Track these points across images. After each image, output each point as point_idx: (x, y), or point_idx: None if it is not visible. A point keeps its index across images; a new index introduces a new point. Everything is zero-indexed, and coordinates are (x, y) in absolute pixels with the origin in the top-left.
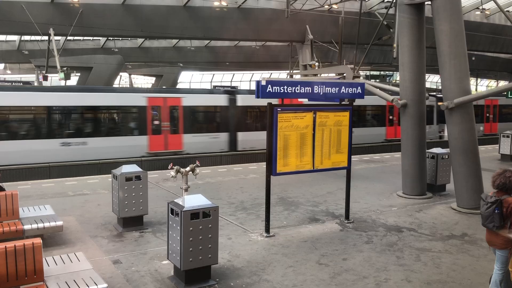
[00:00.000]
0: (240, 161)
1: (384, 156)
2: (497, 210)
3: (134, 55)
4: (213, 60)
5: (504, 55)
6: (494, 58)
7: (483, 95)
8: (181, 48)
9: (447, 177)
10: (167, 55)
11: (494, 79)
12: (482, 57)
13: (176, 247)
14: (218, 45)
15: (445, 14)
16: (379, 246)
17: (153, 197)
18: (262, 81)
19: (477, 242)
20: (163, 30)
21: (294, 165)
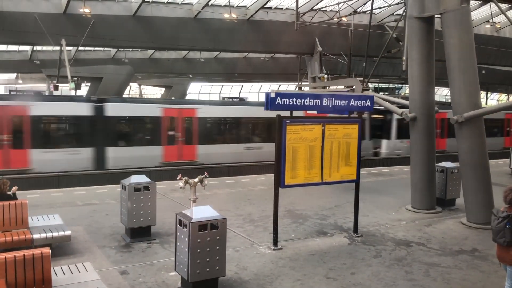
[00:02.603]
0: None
1: (392, 169)
2: (509, 225)
3: (144, 66)
4: (222, 71)
5: None
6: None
7: (493, 109)
8: (190, 60)
9: (457, 192)
10: (176, 66)
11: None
12: (492, 71)
13: (184, 258)
14: (227, 56)
15: (454, 27)
16: (387, 260)
17: (161, 208)
18: (271, 93)
19: (488, 257)
20: (174, 41)
21: (302, 177)
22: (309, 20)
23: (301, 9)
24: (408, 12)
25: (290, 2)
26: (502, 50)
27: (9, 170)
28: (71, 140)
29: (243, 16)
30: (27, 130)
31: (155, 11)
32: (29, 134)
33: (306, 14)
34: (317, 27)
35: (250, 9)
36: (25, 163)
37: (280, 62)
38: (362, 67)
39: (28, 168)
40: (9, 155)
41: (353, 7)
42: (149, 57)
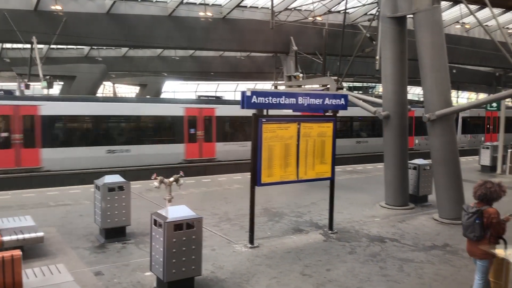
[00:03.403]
0: None
1: (366, 167)
2: (478, 220)
3: (118, 64)
4: (198, 70)
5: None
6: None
7: (464, 107)
8: (165, 58)
9: (429, 188)
10: (151, 65)
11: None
12: (463, 70)
13: (159, 258)
14: (203, 55)
15: (426, 27)
16: (362, 256)
17: (137, 207)
18: (247, 92)
19: (459, 252)
20: (148, 39)
21: (278, 175)
22: (284, 19)
23: (276, 8)
24: (381, 12)
25: (265, 1)
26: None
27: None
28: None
29: (219, 14)
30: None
31: (129, 9)
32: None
33: (281, 13)
34: (292, 26)
35: (225, 8)
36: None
37: (256, 60)
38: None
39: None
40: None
41: (327, 7)
42: (123, 55)
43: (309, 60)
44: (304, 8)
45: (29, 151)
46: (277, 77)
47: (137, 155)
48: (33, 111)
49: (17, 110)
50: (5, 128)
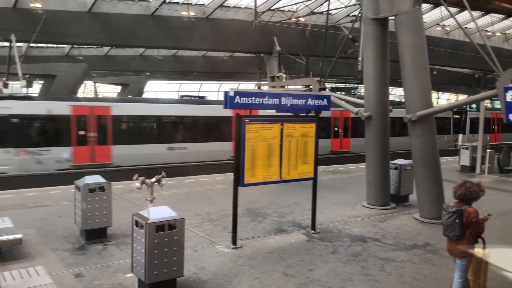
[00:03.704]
0: None
1: (349, 167)
2: (458, 220)
3: (100, 64)
4: (181, 69)
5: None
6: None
7: (444, 108)
8: (148, 57)
9: (410, 188)
10: (133, 64)
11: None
12: (443, 72)
13: (141, 259)
14: (185, 54)
15: (407, 29)
16: (344, 256)
17: (118, 208)
18: (230, 92)
19: (439, 251)
20: (130, 38)
21: (261, 176)
22: (267, 19)
23: (260, 9)
24: (363, 14)
25: (248, 1)
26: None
27: None
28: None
29: (202, 14)
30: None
31: (110, 8)
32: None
33: (265, 13)
34: (275, 27)
35: (208, 7)
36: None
37: (239, 61)
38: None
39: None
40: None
41: (310, 8)
42: (105, 54)
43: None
44: (287, 8)
45: (102, 148)
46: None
47: (193, 152)
48: (106, 111)
49: (92, 111)
50: (83, 127)
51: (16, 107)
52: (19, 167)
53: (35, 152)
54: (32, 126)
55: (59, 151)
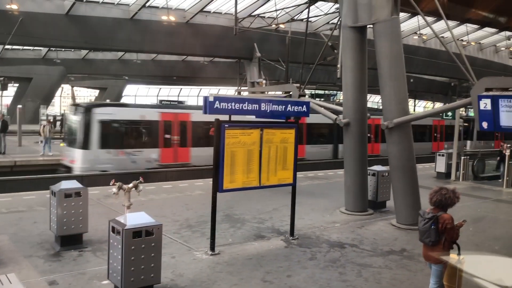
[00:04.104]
0: None
1: (328, 173)
2: (434, 226)
3: (78, 67)
4: (160, 74)
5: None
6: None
7: (420, 116)
8: (127, 61)
9: (387, 194)
10: (112, 68)
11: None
12: (420, 80)
13: (117, 266)
14: (165, 59)
15: (385, 37)
16: (322, 262)
17: (94, 214)
18: (209, 97)
19: (415, 257)
20: (109, 42)
21: (240, 181)
22: (247, 25)
23: (240, 15)
24: (342, 22)
25: (229, 7)
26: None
27: None
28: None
29: (182, 19)
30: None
31: (89, 11)
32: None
33: (245, 19)
34: (255, 33)
35: (188, 12)
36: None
37: (220, 66)
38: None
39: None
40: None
41: (290, 15)
42: (83, 57)
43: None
44: (268, 15)
45: (183, 149)
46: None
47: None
48: (186, 117)
49: (176, 117)
50: (168, 131)
51: (116, 113)
52: (117, 166)
53: (130, 153)
54: (128, 129)
55: (149, 152)
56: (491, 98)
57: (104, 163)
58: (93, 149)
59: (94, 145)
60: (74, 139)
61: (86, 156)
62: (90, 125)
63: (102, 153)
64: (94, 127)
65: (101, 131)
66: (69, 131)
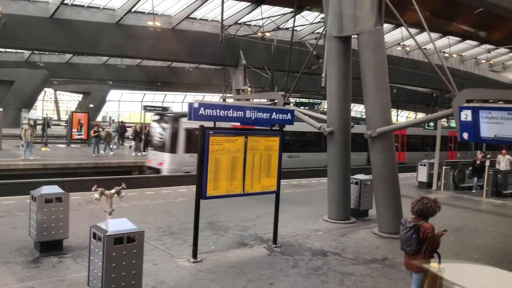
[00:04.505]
0: None
1: (311, 181)
2: (415, 234)
3: (61, 71)
4: (145, 79)
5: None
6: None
7: (403, 126)
8: (111, 66)
9: (369, 203)
10: (96, 72)
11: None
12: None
13: (98, 273)
14: (150, 64)
15: (369, 48)
16: (305, 270)
17: (75, 220)
18: (194, 104)
19: (397, 265)
20: (93, 46)
21: (224, 188)
22: (233, 33)
23: (226, 22)
24: (327, 31)
25: (215, 14)
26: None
27: None
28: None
29: (168, 24)
30: None
31: (74, 14)
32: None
33: (231, 27)
34: (241, 41)
35: (174, 18)
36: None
37: (205, 72)
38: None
39: None
40: None
41: (276, 23)
42: (67, 61)
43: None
44: (254, 23)
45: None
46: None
47: (304, 160)
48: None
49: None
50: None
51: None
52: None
53: None
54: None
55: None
56: (472, 109)
57: (187, 165)
58: (179, 153)
59: (180, 150)
60: (162, 144)
61: (173, 159)
62: (177, 133)
63: (186, 156)
64: (180, 134)
65: (186, 138)
66: (157, 137)
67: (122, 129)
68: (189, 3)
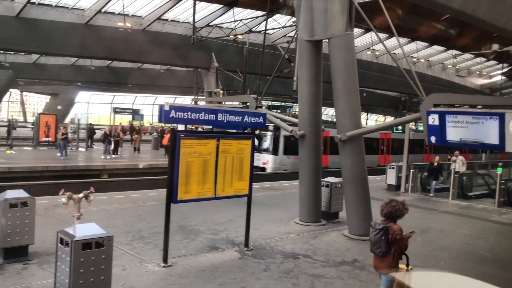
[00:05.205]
0: None
1: (283, 184)
2: (384, 236)
3: (28, 71)
4: (115, 81)
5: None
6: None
7: (372, 129)
8: (80, 67)
9: (340, 205)
10: (64, 73)
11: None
12: (372, 94)
13: (65, 279)
14: (120, 66)
15: (340, 52)
16: (276, 273)
17: (42, 225)
18: (165, 106)
19: (366, 267)
20: (61, 47)
21: (195, 192)
22: (205, 35)
23: (198, 24)
24: (299, 35)
25: (187, 16)
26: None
27: None
28: None
29: (138, 26)
30: None
31: (41, 14)
32: None
33: (203, 29)
34: (213, 43)
35: (145, 19)
36: None
37: (177, 75)
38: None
39: None
40: None
41: (248, 26)
42: (34, 62)
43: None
44: (226, 26)
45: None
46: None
47: None
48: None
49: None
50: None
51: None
52: (292, 168)
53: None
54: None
55: None
56: (438, 113)
57: (285, 165)
58: (279, 155)
59: (280, 152)
60: (266, 148)
61: (275, 160)
62: (278, 139)
63: (284, 158)
64: (280, 140)
65: (284, 143)
66: (261, 142)
67: (90, 132)
68: (161, 4)
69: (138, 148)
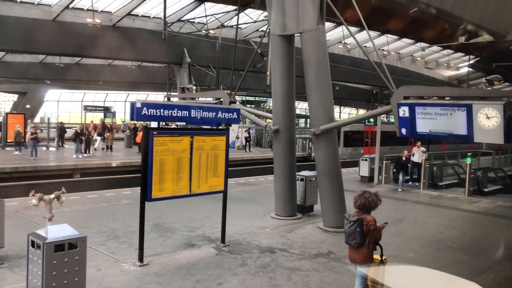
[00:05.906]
0: None
1: (258, 179)
2: (358, 228)
3: None
4: (85, 78)
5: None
6: (355, 88)
7: (345, 123)
8: (48, 64)
9: (315, 198)
10: (32, 71)
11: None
12: (344, 87)
13: (37, 283)
14: (90, 63)
15: (311, 46)
16: (253, 268)
17: (12, 228)
18: (137, 103)
19: (342, 259)
20: (28, 44)
21: (170, 190)
22: (177, 30)
23: (169, 19)
24: (271, 30)
25: (158, 11)
26: (352, 68)
27: None
28: None
29: (108, 22)
30: None
31: (5, 10)
32: None
33: (174, 24)
34: (185, 38)
35: (115, 15)
36: None
37: (148, 71)
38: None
39: None
40: None
41: (220, 21)
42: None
43: (203, 73)
44: (198, 20)
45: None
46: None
47: None
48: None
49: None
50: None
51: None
52: (348, 157)
53: (353, 149)
54: (352, 136)
55: (360, 149)
56: (408, 105)
57: (345, 155)
58: (340, 147)
59: (341, 145)
60: None
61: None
62: (339, 133)
63: (344, 149)
64: (341, 134)
65: (344, 137)
66: None
67: (61, 130)
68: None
69: (110, 147)
